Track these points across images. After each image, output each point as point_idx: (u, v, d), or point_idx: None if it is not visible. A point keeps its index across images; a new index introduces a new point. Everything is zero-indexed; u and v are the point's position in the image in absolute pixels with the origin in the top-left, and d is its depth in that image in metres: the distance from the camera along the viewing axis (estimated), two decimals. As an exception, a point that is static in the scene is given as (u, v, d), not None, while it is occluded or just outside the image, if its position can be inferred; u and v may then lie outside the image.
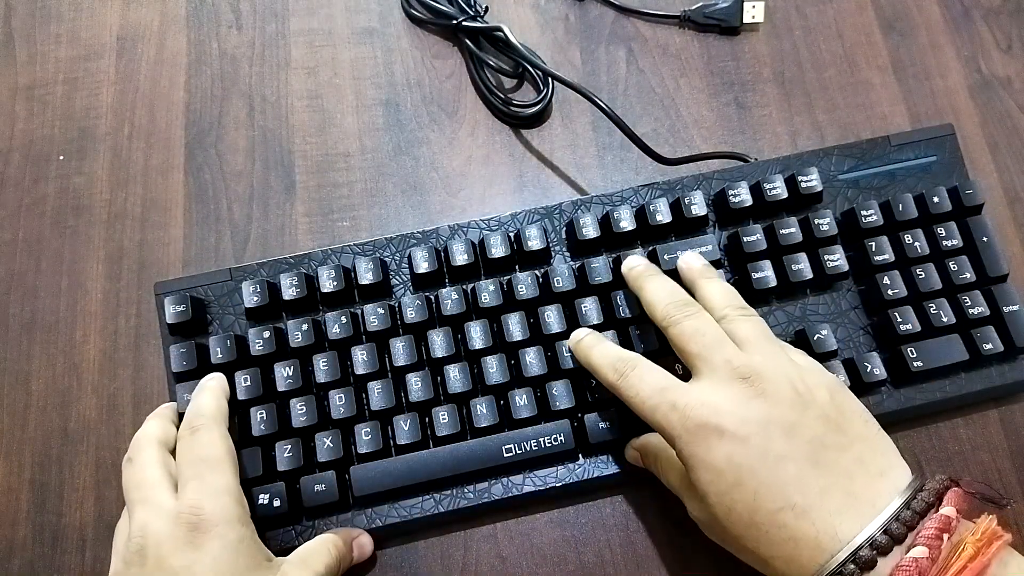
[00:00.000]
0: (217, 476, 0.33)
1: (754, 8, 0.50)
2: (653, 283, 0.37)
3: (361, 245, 0.41)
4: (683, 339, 0.34)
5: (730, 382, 0.32)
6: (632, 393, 0.33)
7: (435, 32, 0.51)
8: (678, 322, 0.34)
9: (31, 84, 0.49)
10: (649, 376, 0.34)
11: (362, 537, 0.37)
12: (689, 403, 0.31)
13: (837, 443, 0.30)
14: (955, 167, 0.43)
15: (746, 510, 0.30)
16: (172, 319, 0.39)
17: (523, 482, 0.39)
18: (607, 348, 0.36)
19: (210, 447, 0.34)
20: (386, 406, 0.38)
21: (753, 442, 0.30)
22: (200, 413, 0.36)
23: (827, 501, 0.29)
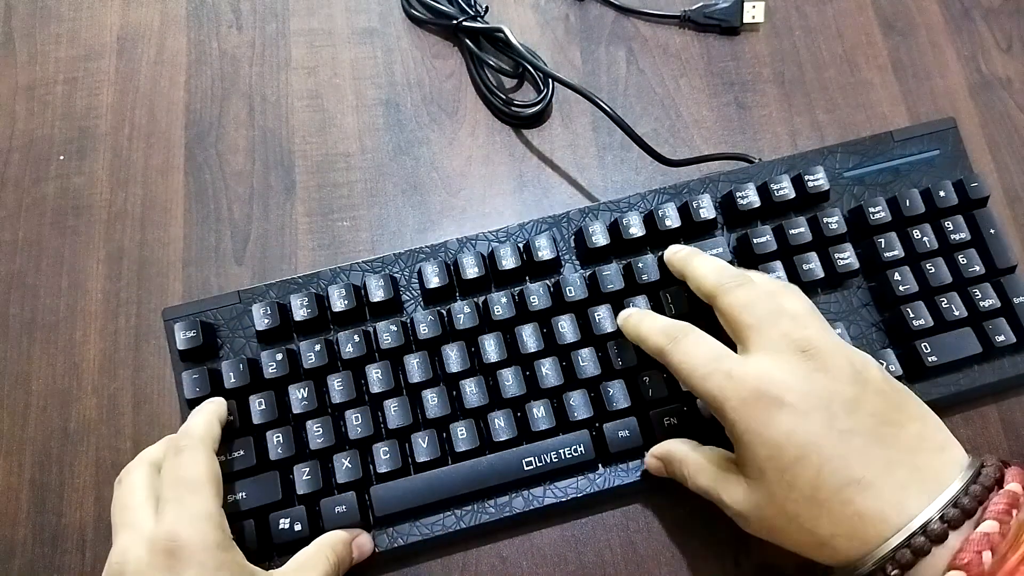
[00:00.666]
0: (197, 500, 0.32)
1: (754, 8, 0.50)
2: (699, 259, 0.36)
3: (370, 262, 0.41)
4: (736, 309, 0.33)
5: (789, 354, 0.31)
6: (683, 359, 0.33)
7: (435, 32, 0.51)
8: (730, 290, 0.33)
9: (31, 84, 0.49)
10: (703, 343, 0.33)
11: (361, 536, 0.37)
12: (747, 373, 0.31)
13: (897, 419, 0.30)
14: (958, 160, 0.43)
15: (808, 486, 0.29)
16: (183, 345, 0.39)
17: (543, 494, 0.38)
18: (656, 318, 0.36)
19: (193, 468, 0.33)
20: (403, 424, 0.38)
21: (815, 416, 0.29)
22: (188, 433, 0.35)
23: (893, 475, 0.28)
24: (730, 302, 0.33)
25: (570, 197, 0.47)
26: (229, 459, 0.37)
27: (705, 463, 0.34)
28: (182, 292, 0.45)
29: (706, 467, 0.34)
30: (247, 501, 0.37)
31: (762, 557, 0.39)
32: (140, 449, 0.41)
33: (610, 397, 0.38)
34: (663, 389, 0.38)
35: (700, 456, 0.35)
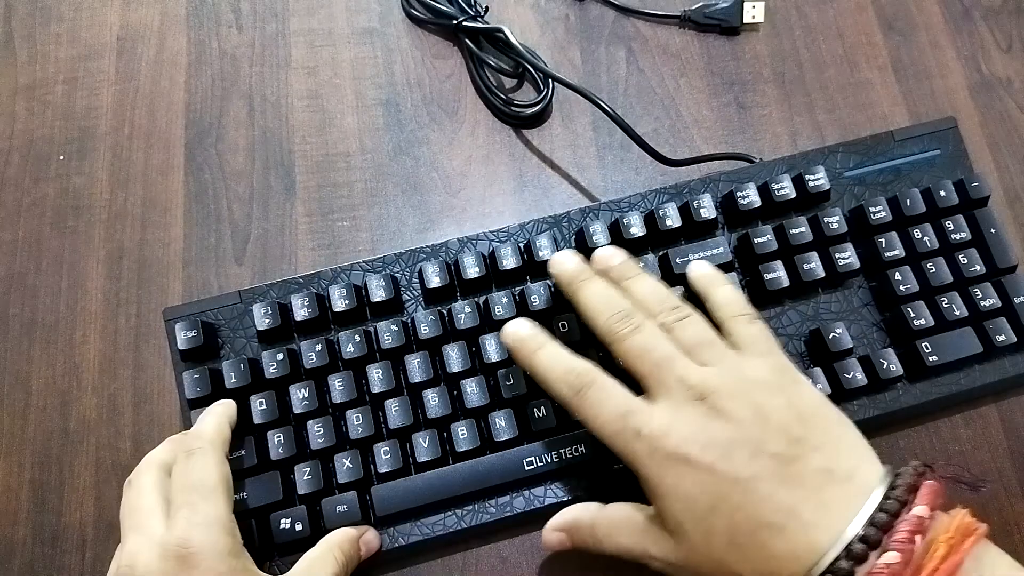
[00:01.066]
0: (209, 506, 0.32)
1: (754, 8, 0.50)
2: (587, 290, 0.35)
3: (370, 262, 0.41)
4: (631, 358, 0.33)
5: (687, 403, 0.31)
6: (592, 415, 0.33)
7: (435, 32, 0.51)
8: (623, 339, 0.33)
9: (31, 84, 0.49)
10: (610, 396, 0.33)
11: (368, 533, 0.37)
12: (653, 431, 0.31)
13: (801, 454, 0.30)
14: (959, 160, 0.43)
15: (726, 532, 0.30)
16: (184, 345, 0.39)
17: (544, 494, 0.38)
18: (555, 354, 0.34)
19: (204, 473, 0.33)
20: (404, 424, 0.38)
21: (720, 467, 0.30)
22: (198, 436, 0.35)
23: (800, 516, 0.29)
24: (625, 350, 0.33)
25: (570, 197, 0.47)
26: (230, 459, 0.37)
27: (622, 521, 0.33)
28: (182, 292, 0.45)
29: (624, 525, 0.33)
30: (248, 501, 0.37)
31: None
32: (140, 449, 0.42)
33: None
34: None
35: (614, 515, 0.34)
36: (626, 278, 0.36)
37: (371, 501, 0.38)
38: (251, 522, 0.37)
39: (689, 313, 0.34)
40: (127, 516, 0.33)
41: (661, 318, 0.34)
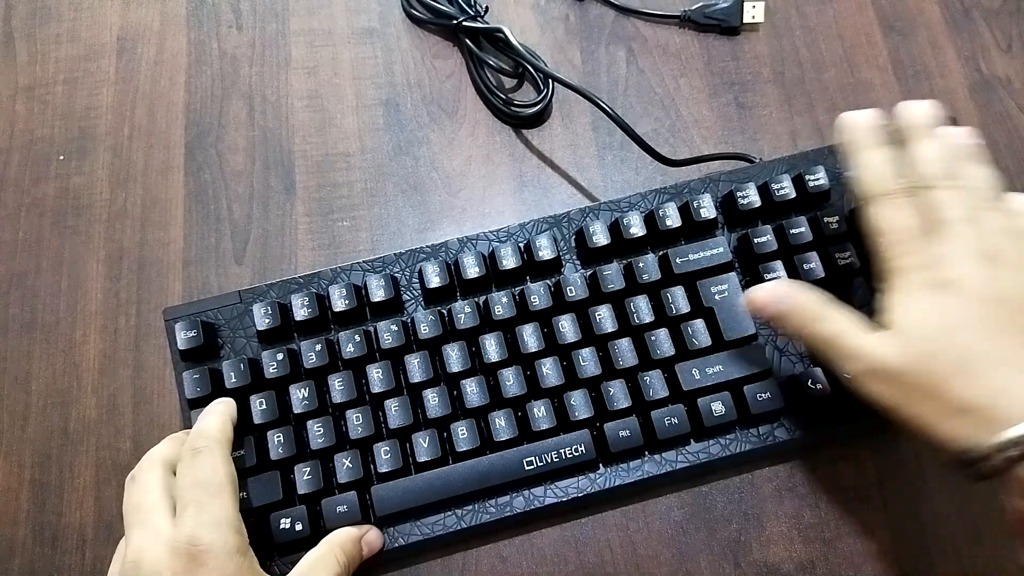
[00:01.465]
0: (216, 504, 0.32)
1: (754, 8, 0.50)
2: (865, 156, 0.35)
3: (370, 262, 0.41)
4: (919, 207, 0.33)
5: (969, 252, 0.31)
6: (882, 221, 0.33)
7: (435, 32, 0.51)
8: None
9: (31, 84, 0.49)
10: (902, 211, 0.33)
11: (370, 533, 0.37)
12: (934, 250, 0.31)
13: None
14: None
15: (964, 351, 0.29)
16: (184, 345, 0.39)
17: (544, 494, 0.38)
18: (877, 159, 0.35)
19: (211, 471, 0.33)
20: (404, 424, 0.38)
21: (985, 306, 0.30)
22: (203, 435, 0.35)
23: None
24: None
25: (570, 197, 0.47)
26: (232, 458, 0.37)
27: (832, 310, 0.33)
28: (182, 292, 0.45)
29: (833, 314, 0.33)
30: (248, 501, 0.37)
31: (762, 557, 0.40)
32: (140, 449, 0.42)
33: (610, 397, 0.38)
34: (663, 389, 0.38)
35: (826, 304, 0.33)
36: (919, 136, 0.35)
37: (371, 501, 0.38)
38: (251, 522, 0.37)
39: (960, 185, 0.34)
40: (131, 512, 0.33)
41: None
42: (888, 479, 0.41)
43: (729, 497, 0.41)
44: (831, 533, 0.40)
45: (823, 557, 0.40)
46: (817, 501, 0.41)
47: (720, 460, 0.39)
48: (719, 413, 0.38)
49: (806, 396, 0.38)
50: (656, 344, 0.39)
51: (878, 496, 0.41)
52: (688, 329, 0.39)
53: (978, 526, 0.40)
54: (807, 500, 0.41)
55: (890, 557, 0.40)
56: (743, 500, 0.41)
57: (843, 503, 0.40)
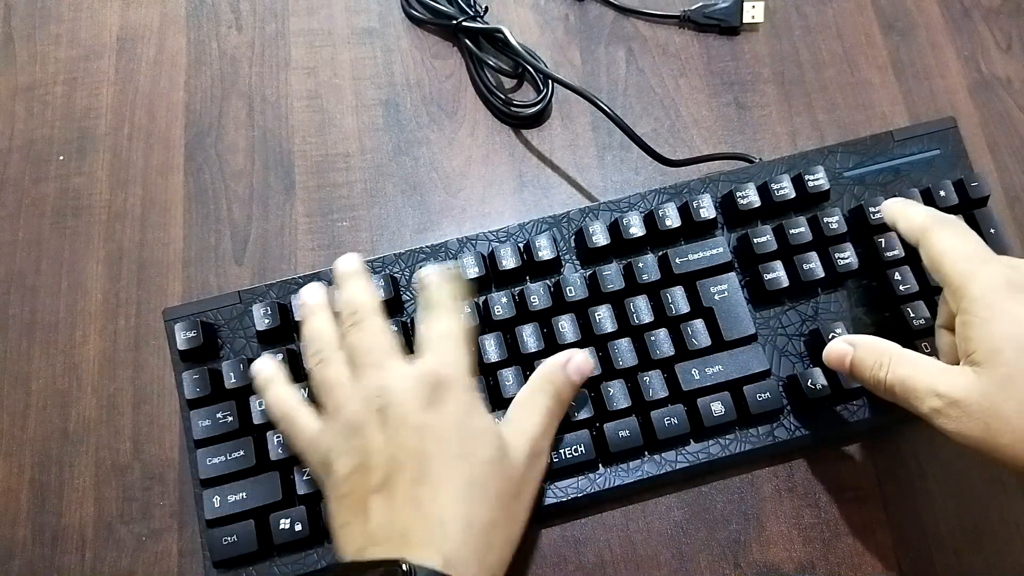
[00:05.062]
0: (457, 349, 0.34)
1: (754, 8, 0.50)
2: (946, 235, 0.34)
3: (370, 262, 0.41)
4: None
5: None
6: (947, 242, 0.33)
7: (435, 32, 0.51)
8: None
9: (31, 84, 0.49)
10: (969, 235, 0.34)
11: (575, 358, 0.36)
12: (1002, 266, 0.32)
13: None
14: (958, 160, 0.43)
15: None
16: (183, 345, 0.39)
17: (544, 494, 0.38)
18: (922, 207, 0.36)
19: (452, 326, 0.34)
20: None
21: None
22: (442, 302, 0.35)
23: None
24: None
25: (570, 197, 0.47)
26: (228, 459, 0.37)
27: (908, 353, 0.33)
28: (182, 292, 0.45)
29: (906, 355, 0.33)
30: (247, 501, 0.37)
31: (762, 557, 0.40)
32: (140, 449, 0.42)
33: (610, 397, 0.38)
34: (663, 389, 0.38)
35: (893, 345, 0.34)
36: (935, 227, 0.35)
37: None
38: (250, 522, 0.37)
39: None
40: (365, 353, 0.33)
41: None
42: (888, 479, 0.41)
43: (729, 497, 0.41)
44: (831, 533, 0.40)
45: (823, 557, 0.40)
46: (817, 501, 0.40)
47: (720, 460, 0.39)
48: (719, 413, 0.38)
49: (806, 396, 0.38)
50: (656, 344, 0.39)
51: (878, 496, 0.41)
52: (688, 329, 0.39)
53: (978, 526, 0.40)
54: (807, 500, 0.41)
55: (890, 557, 0.39)
56: (743, 500, 0.41)
57: (843, 503, 0.40)
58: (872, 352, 0.34)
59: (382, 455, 0.31)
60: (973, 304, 0.31)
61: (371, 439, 0.31)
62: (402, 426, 0.31)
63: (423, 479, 0.30)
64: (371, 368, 0.33)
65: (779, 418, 0.39)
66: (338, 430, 0.32)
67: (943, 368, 0.32)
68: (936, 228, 0.34)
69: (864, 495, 0.41)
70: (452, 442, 0.31)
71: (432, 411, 0.31)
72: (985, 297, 0.30)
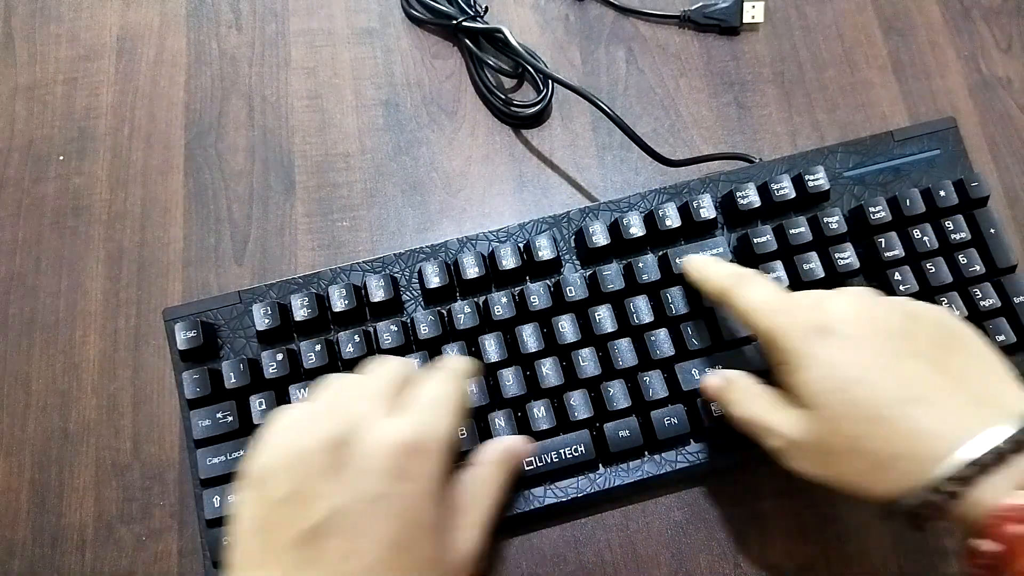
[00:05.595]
0: (448, 419, 0.30)
1: (754, 8, 0.50)
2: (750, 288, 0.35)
3: (370, 262, 0.41)
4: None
5: (841, 295, 0.33)
6: (747, 299, 0.34)
7: (435, 32, 0.51)
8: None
9: (31, 84, 0.49)
10: (767, 285, 0.34)
11: (516, 442, 0.35)
12: (802, 308, 0.32)
13: (956, 349, 0.30)
14: (958, 160, 0.43)
15: (869, 404, 0.29)
16: (183, 345, 0.39)
17: (544, 494, 0.38)
18: (722, 264, 0.37)
19: (452, 391, 0.32)
20: None
21: (872, 340, 0.30)
22: (456, 368, 0.33)
23: (955, 397, 0.28)
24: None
25: (570, 197, 0.47)
26: (228, 459, 0.37)
27: (759, 392, 0.34)
28: (182, 292, 0.45)
29: (759, 395, 0.34)
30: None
31: (762, 558, 0.40)
32: (140, 449, 0.42)
33: (610, 397, 0.38)
34: (663, 389, 0.38)
35: (754, 385, 0.34)
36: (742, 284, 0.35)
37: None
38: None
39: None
40: (365, 387, 0.31)
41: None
42: (888, 479, 0.41)
43: (729, 497, 0.41)
44: (831, 533, 0.40)
45: (823, 557, 0.40)
46: (817, 501, 0.40)
47: (720, 460, 0.39)
48: (719, 413, 0.38)
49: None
50: (656, 344, 0.39)
51: (878, 496, 0.41)
52: (688, 329, 0.39)
53: (978, 526, 0.40)
54: (807, 500, 0.40)
55: (890, 557, 0.40)
56: (743, 500, 0.41)
57: (843, 503, 0.40)
58: (732, 389, 0.35)
59: (325, 504, 0.28)
60: (786, 355, 0.31)
61: (321, 485, 0.28)
62: (355, 484, 0.28)
63: (353, 556, 0.27)
64: (360, 403, 0.30)
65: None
66: (291, 461, 0.29)
67: (783, 409, 0.32)
68: (738, 286, 0.34)
69: (864, 495, 0.41)
70: (402, 527, 0.28)
71: (395, 482, 0.28)
72: (795, 346, 0.31)
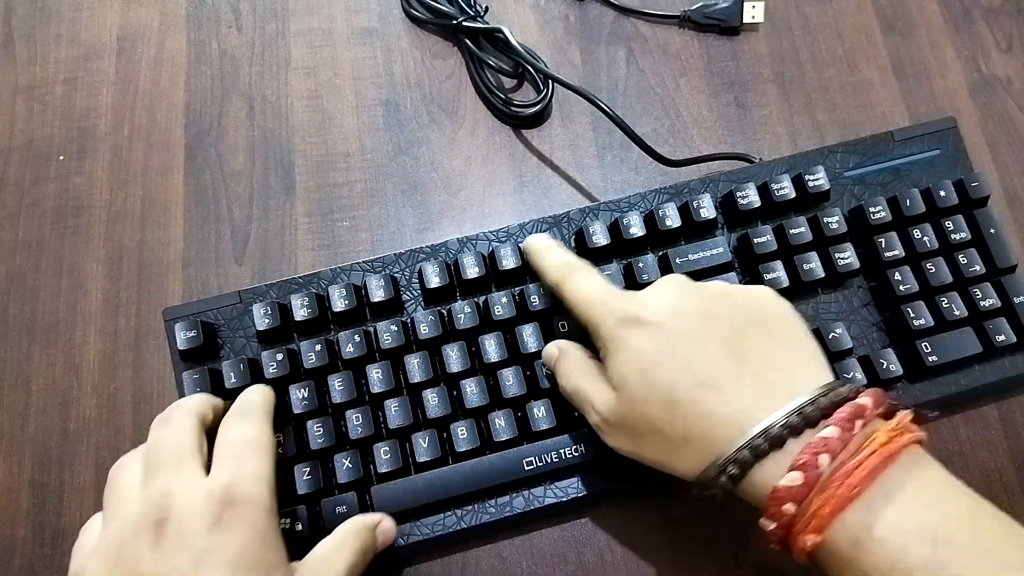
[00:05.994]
0: (258, 462, 0.31)
1: (754, 8, 0.50)
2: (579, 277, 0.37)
3: (370, 262, 0.41)
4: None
5: (663, 285, 0.34)
6: (575, 292, 0.35)
7: (435, 32, 0.51)
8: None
9: (31, 84, 0.49)
10: (595, 280, 0.35)
11: (384, 522, 0.36)
12: (623, 303, 0.33)
13: (756, 333, 0.31)
14: (959, 160, 0.43)
15: (664, 388, 0.30)
16: (184, 345, 0.39)
17: (544, 494, 0.38)
18: (559, 252, 0.38)
19: (258, 431, 0.33)
20: (404, 424, 0.38)
21: (671, 325, 0.32)
22: (252, 403, 0.34)
23: (741, 383, 0.30)
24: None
25: (570, 197, 0.47)
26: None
27: (586, 367, 0.35)
28: (182, 292, 0.45)
29: (584, 370, 0.35)
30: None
31: (762, 557, 0.39)
32: (140, 449, 0.42)
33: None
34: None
35: (583, 359, 0.36)
36: (572, 270, 0.37)
37: (371, 501, 0.38)
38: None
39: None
40: (162, 452, 0.31)
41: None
42: (888, 479, 0.41)
43: (729, 497, 0.41)
44: (831, 533, 0.40)
45: (823, 557, 0.40)
46: (817, 501, 0.40)
47: (720, 460, 0.39)
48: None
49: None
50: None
51: (878, 496, 0.41)
52: (688, 329, 0.39)
53: (978, 526, 0.40)
54: (807, 500, 0.40)
55: (890, 557, 0.39)
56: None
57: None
58: (563, 359, 0.36)
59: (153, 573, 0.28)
60: (604, 340, 0.33)
61: (140, 557, 0.28)
62: (180, 548, 0.28)
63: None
64: (165, 469, 0.30)
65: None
66: (108, 540, 0.29)
67: (601, 387, 0.34)
68: (570, 277, 0.36)
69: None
70: (236, 573, 0.28)
71: (219, 533, 0.28)
72: (611, 333, 0.33)
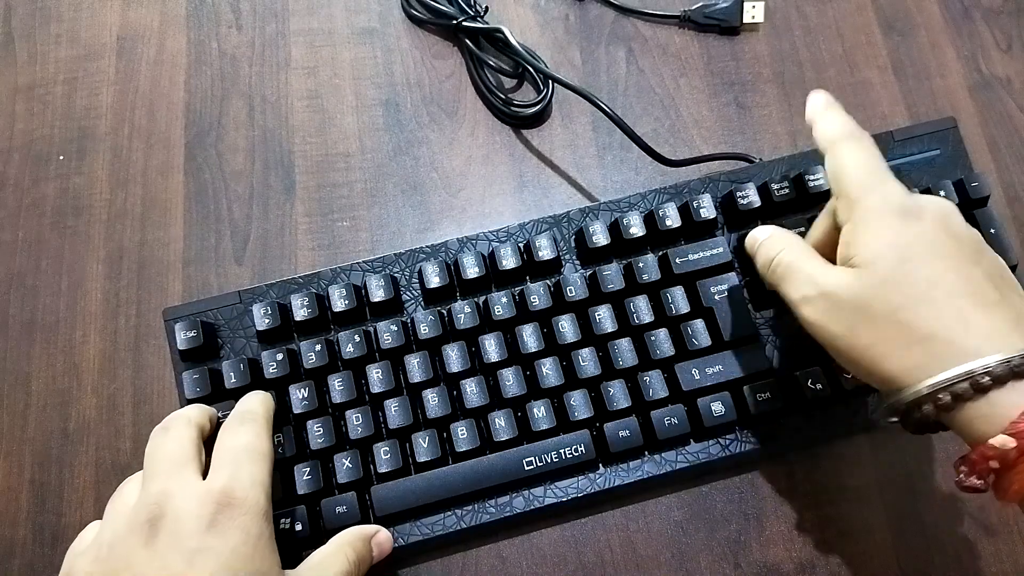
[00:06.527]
0: (255, 467, 0.32)
1: (754, 8, 0.50)
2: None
3: (370, 262, 0.41)
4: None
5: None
6: (847, 164, 0.33)
7: (435, 32, 0.51)
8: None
9: (31, 84, 0.49)
10: (874, 153, 0.33)
11: (380, 534, 0.36)
12: (900, 190, 0.32)
13: (1009, 284, 0.30)
14: (959, 160, 0.43)
15: (925, 283, 0.29)
16: (184, 345, 0.39)
17: (544, 494, 0.38)
18: (843, 116, 0.36)
19: (255, 438, 0.33)
20: (404, 424, 0.38)
21: (944, 236, 0.30)
22: (251, 411, 0.35)
23: (1003, 311, 0.29)
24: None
25: (570, 197, 0.47)
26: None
27: (802, 245, 0.34)
28: (182, 292, 0.45)
29: (803, 248, 0.34)
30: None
31: (762, 557, 0.40)
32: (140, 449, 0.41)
33: (610, 397, 0.38)
34: (663, 389, 0.38)
35: (799, 239, 0.35)
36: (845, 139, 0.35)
37: (371, 501, 0.38)
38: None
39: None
40: (160, 460, 0.32)
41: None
42: (888, 479, 0.41)
43: (729, 497, 0.41)
44: (831, 533, 0.40)
45: (823, 557, 0.40)
46: (817, 501, 0.41)
47: (720, 460, 0.39)
48: (719, 413, 0.38)
49: (805, 396, 0.38)
50: (656, 344, 0.39)
51: (878, 496, 0.41)
52: (688, 329, 0.39)
53: (977, 527, 0.40)
54: (807, 500, 0.41)
55: (890, 557, 0.40)
56: (743, 500, 0.41)
57: (843, 503, 0.40)
58: (776, 240, 0.35)
59: (144, 572, 0.27)
60: (868, 213, 0.31)
61: (132, 555, 0.28)
62: (173, 547, 0.28)
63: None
64: (163, 476, 0.31)
65: (779, 418, 0.39)
66: (101, 540, 0.29)
67: (826, 264, 0.32)
68: (847, 141, 0.34)
69: (864, 495, 0.41)
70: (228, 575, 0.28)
71: (213, 535, 0.28)
72: (880, 210, 0.31)
